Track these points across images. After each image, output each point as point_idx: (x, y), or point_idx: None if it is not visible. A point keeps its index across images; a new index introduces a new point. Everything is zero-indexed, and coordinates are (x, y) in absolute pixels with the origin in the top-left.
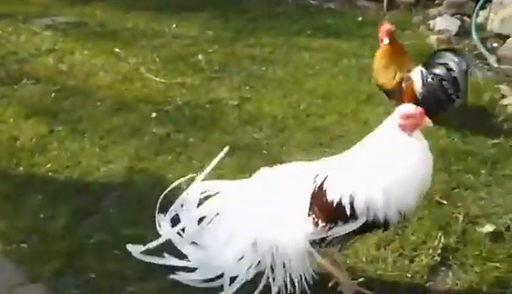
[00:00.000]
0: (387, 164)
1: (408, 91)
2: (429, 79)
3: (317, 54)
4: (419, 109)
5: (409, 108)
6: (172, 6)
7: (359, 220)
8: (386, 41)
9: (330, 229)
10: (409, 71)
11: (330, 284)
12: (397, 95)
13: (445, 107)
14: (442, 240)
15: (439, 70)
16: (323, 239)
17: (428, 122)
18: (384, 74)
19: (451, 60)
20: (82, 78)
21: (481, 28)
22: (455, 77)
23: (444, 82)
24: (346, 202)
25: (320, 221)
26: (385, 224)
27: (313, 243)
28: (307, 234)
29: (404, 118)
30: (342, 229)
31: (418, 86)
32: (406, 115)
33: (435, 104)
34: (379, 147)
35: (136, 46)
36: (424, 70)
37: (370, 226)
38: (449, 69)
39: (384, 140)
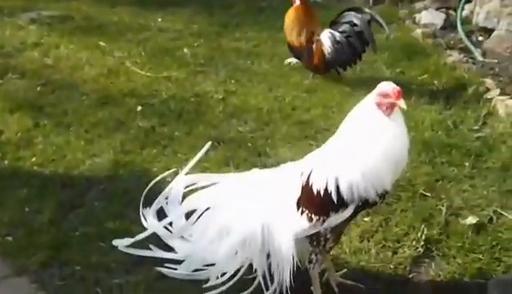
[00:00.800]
0: (364, 144)
1: (318, 51)
2: (337, 38)
3: None
4: (396, 88)
5: (386, 86)
6: (157, 0)
7: (349, 206)
8: (298, 1)
9: (324, 221)
10: (317, 33)
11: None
12: (307, 55)
13: (354, 61)
14: (425, 232)
15: (344, 28)
16: (319, 234)
17: (402, 103)
18: (293, 32)
19: (355, 16)
20: (67, 72)
21: (466, 21)
22: (359, 32)
23: (350, 39)
24: (332, 191)
25: (313, 216)
26: (370, 204)
27: (312, 242)
28: (302, 230)
29: (381, 96)
30: (334, 219)
31: (327, 46)
32: (383, 93)
33: (344, 61)
34: (356, 127)
35: (122, 40)
36: (331, 31)
37: (359, 209)
38: (353, 25)
39: (361, 118)
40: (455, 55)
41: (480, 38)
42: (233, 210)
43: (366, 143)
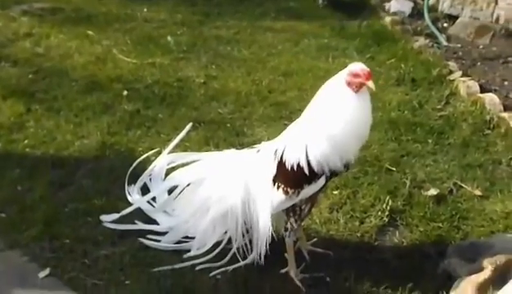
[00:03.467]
0: (332, 119)
1: None
2: None
3: (280, 35)
4: (366, 69)
5: (357, 67)
6: None
7: (321, 177)
8: None
9: (299, 193)
10: None
11: (282, 271)
12: None
13: None
14: (390, 203)
15: None
16: (295, 206)
17: (370, 83)
18: None
19: None
20: (57, 60)
21: (432, 9)
22: None
23: None
24: (304, 165)
25: (288, 189)
26: (337, 174)
27: (288, 213)
28: (279, 203)
29: (351, 76)
30: (308, 191)
31: None
32: (353, 73)
33: None
34: (325, 104)
35: (109, 30)
36: None
37: (328, 179)
38: None
39: (330, 95)
40: (421, 40)
41: (445, 25)
42: (213, 186)
43: (334, 118)
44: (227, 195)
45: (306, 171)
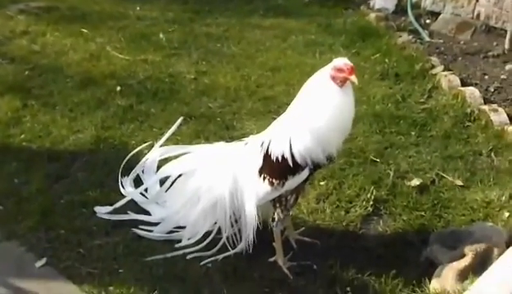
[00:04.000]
0: (316, 113)
1: None
2: None
3: (268, 31)
4: (350, 64)
5: (341, 62)
6: None
7: (305, 169)
8: None
9: (284, 184)
10: None
11: (270, 259)
12: None
13: None
14: (375, 193)
15: None
16: (281, 196)
17: (354, 78)
18: None
19: None
20: (53, 57)
21: (416, 6)
22: None
23: None
24: (288, 158)
25: (274, 180)
26: (320, 166)
27: (275, 203)
28: (266, 194)
29: (335, 70)
30: (292, 182)
31: None
32: (337, 68)
33: None
34: (310, 98)
35: (103, 28)
36: None
37: (312, 171)
38: None
39: (314, 89)
40: (404, 36)
41: (428, 21)
42: (203, 177)
43: (318, 112)
44: (216, 186)
45: (290, 163)
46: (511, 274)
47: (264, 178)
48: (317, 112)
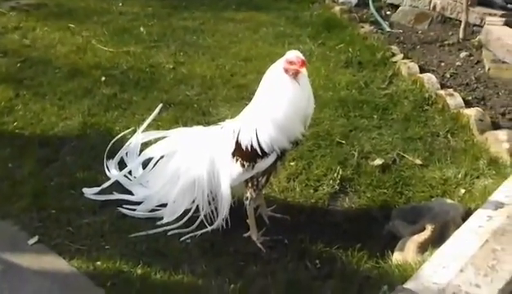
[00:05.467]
0: (275, 103)
1: None
2: None
3: (240, 24)
4: (301, 57)
5: (292, 55)
6: None
7: (271, 154)
8: None
9: (253, 167)
10: None
11: (245, 235)
12: None
13: None
14: (341, 172)
15: None
16: (252, 177)
17: (304, 70)
18: None
19: None
20: (43, 50)
21: None
22: None
23: None
24: (255, 145)
25: (244, 163)
26: (287, 150)
27: (247, 183)
28: (238, 175)
29: (287, 63)
30: (262, 165)
31: None
32: (289, 61)
33: None
34: (268, 89)
35: (88, 22)
36: None
37: (280, 154)
38: None
39: (271, 81)
40: (366, 27)
41: (388, 13)
42: (182, 159)
43: (276, 103)
44: (194, 167)
45: (258, 151)
46: (466, 246)
47: (237, 160)
48: (275, 103)
